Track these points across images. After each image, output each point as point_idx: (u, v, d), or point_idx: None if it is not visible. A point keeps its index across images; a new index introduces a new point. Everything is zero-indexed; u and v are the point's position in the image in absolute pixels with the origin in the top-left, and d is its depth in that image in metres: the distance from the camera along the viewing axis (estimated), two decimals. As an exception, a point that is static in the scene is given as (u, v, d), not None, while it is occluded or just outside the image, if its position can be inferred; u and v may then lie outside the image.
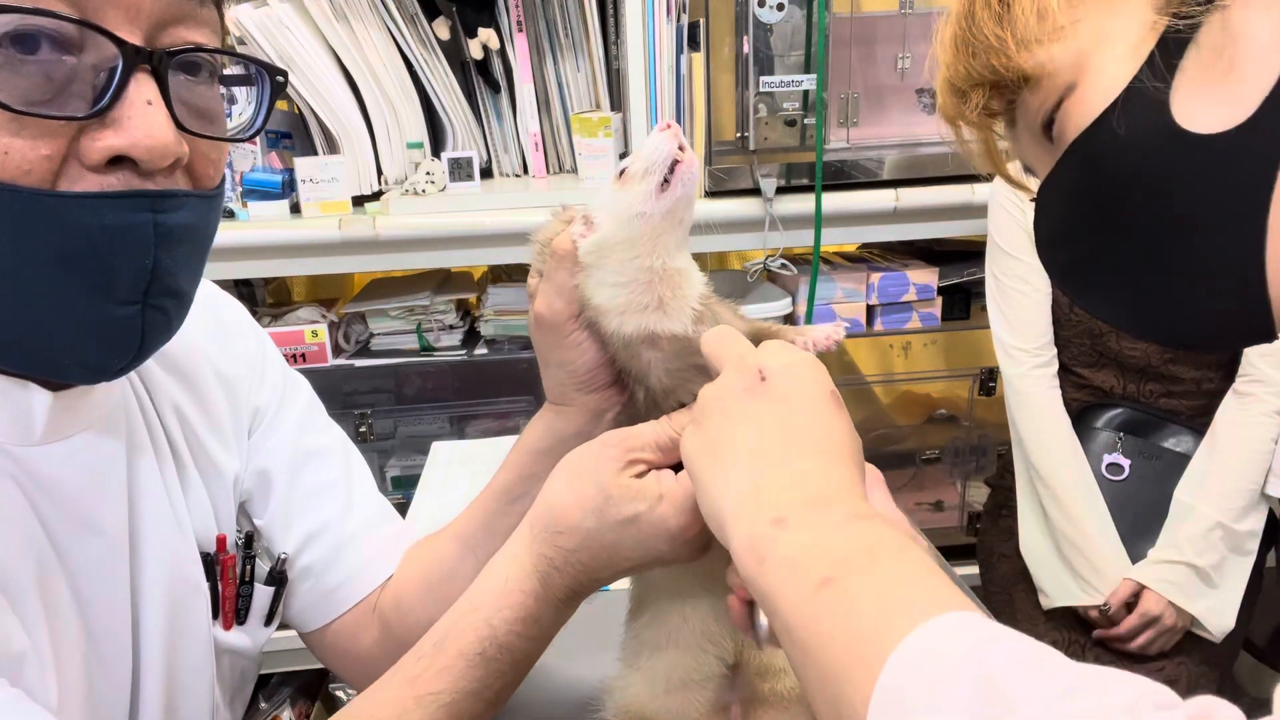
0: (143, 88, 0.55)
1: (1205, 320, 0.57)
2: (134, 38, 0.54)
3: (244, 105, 0.67)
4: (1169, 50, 0.53)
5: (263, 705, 1.99)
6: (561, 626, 0.69)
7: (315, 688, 2.10)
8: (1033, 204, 0.64)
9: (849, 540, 0.48)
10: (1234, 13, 0.51)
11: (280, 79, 0.67)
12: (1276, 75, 0.49)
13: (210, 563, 0.78)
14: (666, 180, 0.66)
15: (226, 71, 0.64)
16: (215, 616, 0.79)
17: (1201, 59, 0.52)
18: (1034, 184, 0.64)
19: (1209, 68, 0.52)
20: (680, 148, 0.67)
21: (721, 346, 0.62)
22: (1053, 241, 0.63)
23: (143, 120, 0.54)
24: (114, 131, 0.54)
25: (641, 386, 0.70)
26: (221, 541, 0.80)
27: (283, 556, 0.85)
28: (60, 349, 0.59)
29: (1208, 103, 0.52)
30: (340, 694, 2.07)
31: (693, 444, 0.59)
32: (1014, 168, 0.69)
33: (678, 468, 0.65)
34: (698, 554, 0.65)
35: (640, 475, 0.65)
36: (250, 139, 0.61)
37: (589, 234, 0.68)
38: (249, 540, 0.83)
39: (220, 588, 0.80)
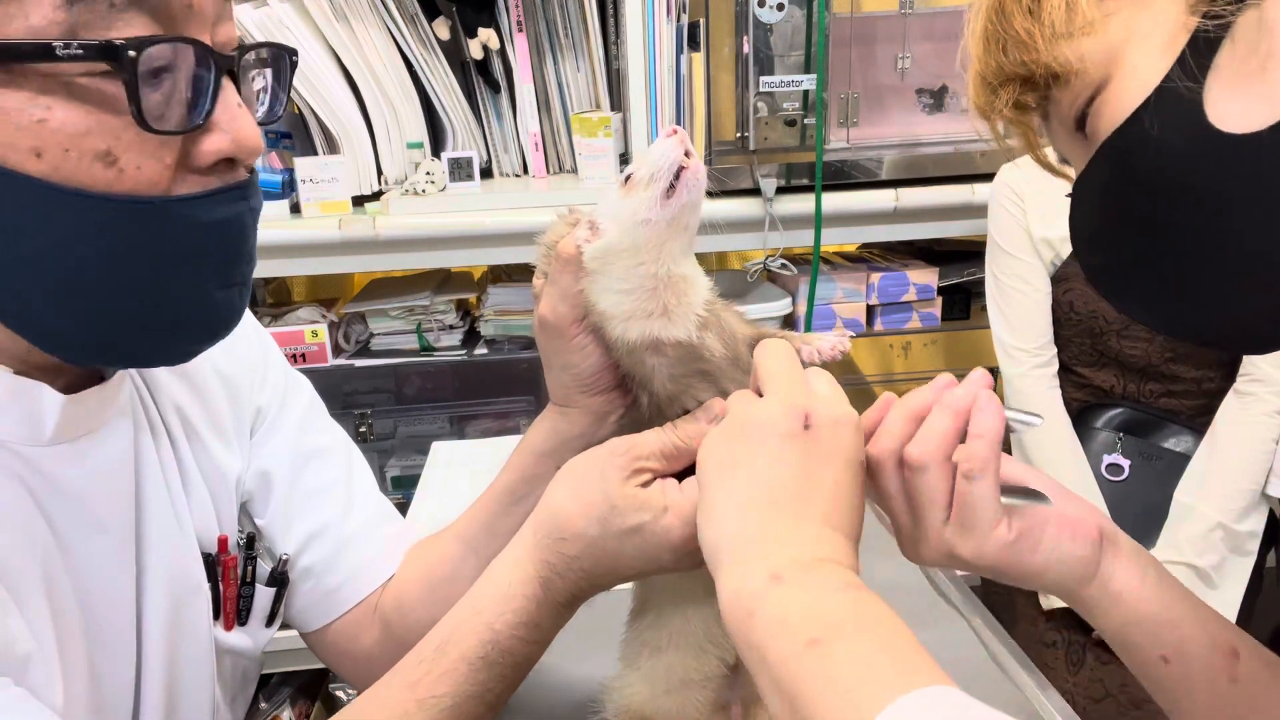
0: (229, 92, 0.59)
1: (1245, 322, 0.56)
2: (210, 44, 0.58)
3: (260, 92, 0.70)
4: (1202, 47, 0.52)
5: (263, 705, 1.99)
6: (560, 629, 0.69)
7: (315, 688, 2.10)
8: (1067, 198, 0.63)
9: (839, 606, 0.49)
10: (1270, 8, 0.50)
11: (294, 59, 0.68)
12: None
13: (211, 563, 0.78)
14: (672, 186, 0.66)
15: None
16: (216, 617, 0.79)
17: (1236, 55, 0.51)
18: (1074, 173, 0.64)
19: (1243, 64, 0.51)
20: (687, 153, 0.66)
21: (775, 367, 0.62)
22: (1089, 241, 0.62)
23: (240, 122, 0.59)
24: (218, 135, 0.58)
25: (645, 392, 0.70)
26: (223, 542, 0.80)
27: (284, 557, 0.85)
28: (160, 339, 0.62)
29: (1243, 101, 0.51)
30: (340, 694, 2.07)
31: (714, 453, 0.60)
32: (1054, 155, 0.68)
33: (682, 475, 0.66)
34: (700, 564, 0.65)
35: (645, 484, 0.65)
36: (278, 120, 0.66)
37: (594, 239, 0.68)
38: (250, 541, 0.83)
39: (221, 588, 0.80)
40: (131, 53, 0.52)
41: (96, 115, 0.53)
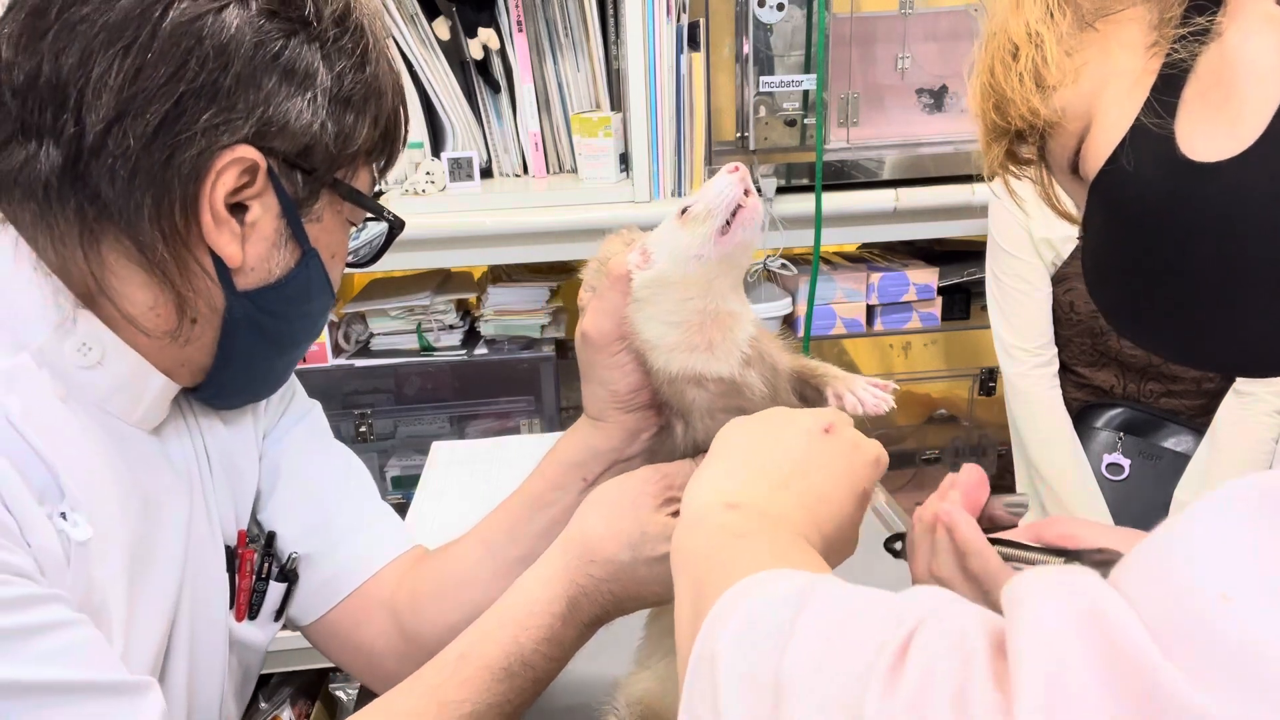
0: None
1: (1248, 344, 0.57)
2: None
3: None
4: (1170, 83, 0.54)
5: (263, 705, 1.98)
6: (580, 647, 0.70)
7: (315, 688, 2.10)
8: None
9: (777, 534, 0.51)
10: (1230, 40, 0.52)
11: None
12: None
13: (231, 555, 0.81)
14: (727, 224, 0.65)
15: None
16: (230, 607, 0.81)
17: (1202, 89, 0.53)
18: None
19: (1208, 96, 0.53)
20: (746, 192, 0.66)
21: (834, 416, 0.65)
22: (1095, 279, 0.64)
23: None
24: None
25: (681, 421, 0.70)
26: (241, 536, 0.83)
27: (294, 555, 0.87)
28: (273, 387, 0.85)
29: (1211, 131, 0.53)
30: (340, 694, 2.07)
31: (730, 430, 0.62)
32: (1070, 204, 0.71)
33: None
34: None
35: (675, 514, 0.67)
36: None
37: (645, 266, 0.68)
38: (270, 539, 0.86)
39: (237, 580, 0.82)
40: (397, 226, 0.84)
41: (348, 242, 0.79)
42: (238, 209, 0.68)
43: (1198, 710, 0.27)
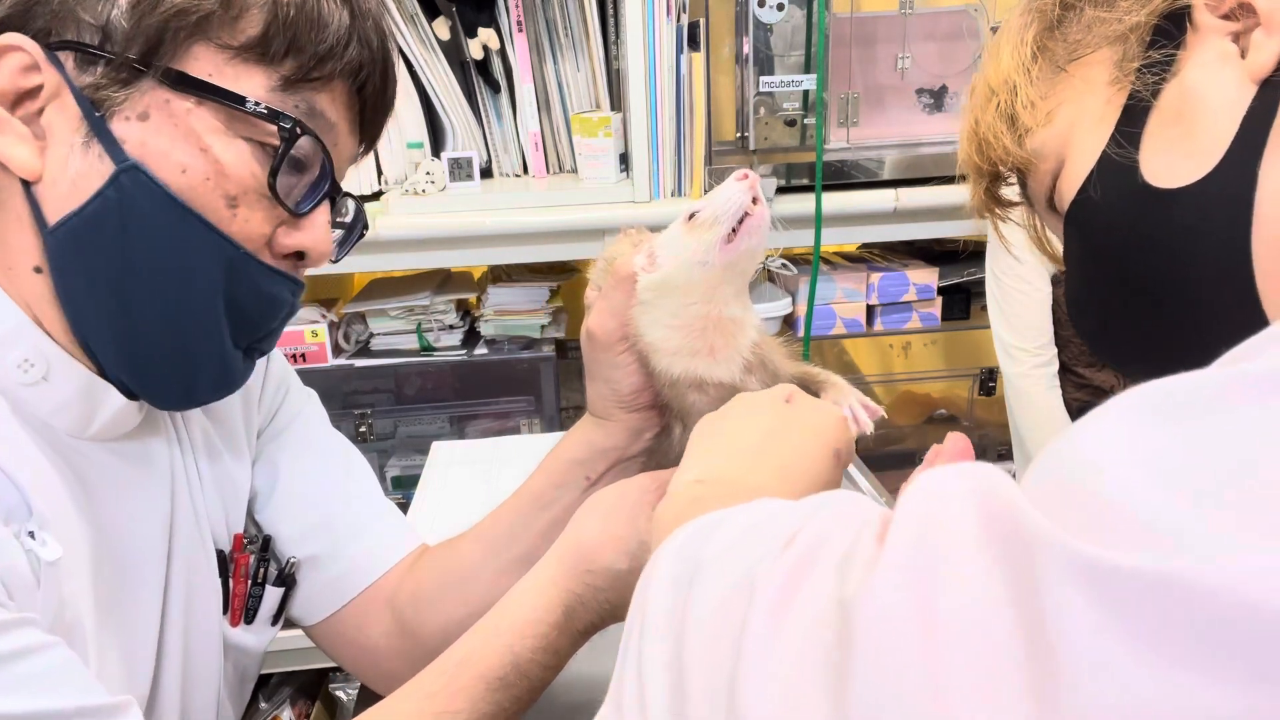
0: (325, 208, 0.70)
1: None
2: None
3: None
4: (1134, 115, 0.57)
5: (263, 705, 1.98)
6: (574, 654, 0.70)
7: (315, 688, 2.10)
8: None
9: (736, 498, 0.52)
10: (1189, 75, 0.55)
11: (365, 229, 0.79)
12: (1239, 122, 0.53)
13: (224, 560, 0.80)
14: (734, 231, 0.66)
15: None
16: (224, 612, 0.81)
17: (1164, 121, 0.56)
18: None
19: (1171, 128, 0.56)
20: (754, 200, 0.66)
21: (791, 388, 0.67)
22: (1077, 311, 0.66)
23: (322, 232, 0.69)
24: (303, 234, 0.68)
25: (680, 424, 0.71)
26: (237, 540, 0.82)
27: (292, 560, 0.86)
28: (179, 377, 0.69)
29: (1173, 159, 0.55)
30: (340, 694, 2.07)
31: (704, 423, 0.64)
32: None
33: None
34: None
35: None
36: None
37: (651, 269, 0.68)
38: (266, 543, 0.85)
39: (231, 584, 0.81)
40: (298, 130, 0.64)
41: (241, 167, 0.63)
42: (37, 112, 0.60)
43: (1056, 539, 0.28)
